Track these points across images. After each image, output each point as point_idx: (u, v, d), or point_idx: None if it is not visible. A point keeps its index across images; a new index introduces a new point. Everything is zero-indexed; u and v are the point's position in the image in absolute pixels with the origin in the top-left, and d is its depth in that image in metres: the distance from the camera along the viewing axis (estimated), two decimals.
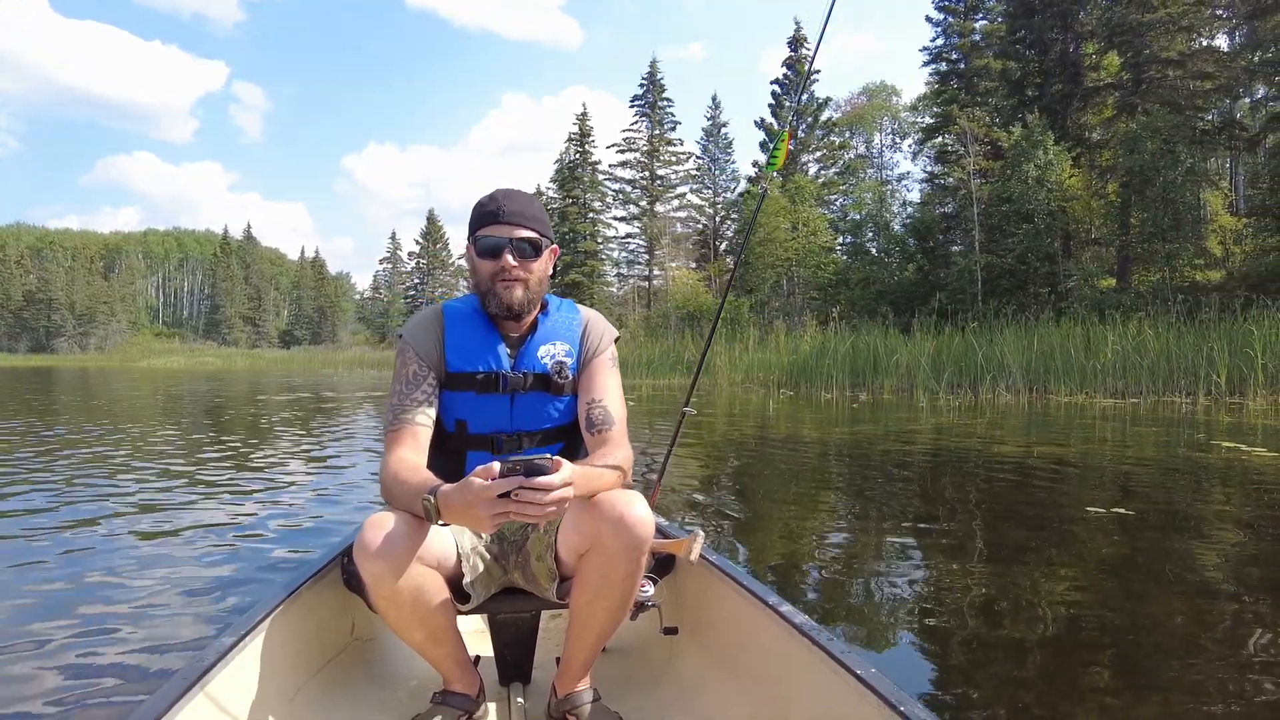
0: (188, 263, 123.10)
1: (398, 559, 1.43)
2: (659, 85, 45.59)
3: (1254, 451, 6.51)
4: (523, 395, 1.75)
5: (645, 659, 2.04)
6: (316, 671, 1.80)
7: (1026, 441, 7.55)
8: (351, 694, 1.82)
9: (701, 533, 1.78)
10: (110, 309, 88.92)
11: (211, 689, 1.35)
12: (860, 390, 15.99)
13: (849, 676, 1.34)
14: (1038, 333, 15.62)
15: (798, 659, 1.52)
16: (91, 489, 4.95)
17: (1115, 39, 23.66)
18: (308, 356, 57.15)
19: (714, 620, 1.91)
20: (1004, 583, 3.11)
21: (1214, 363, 12.47)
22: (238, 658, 1.46)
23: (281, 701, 1.62)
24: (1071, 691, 2.07)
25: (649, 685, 1.91)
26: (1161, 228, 20.44)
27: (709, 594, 1.92)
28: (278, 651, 1.61)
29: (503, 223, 1.69)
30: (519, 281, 1.69)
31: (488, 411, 1.75)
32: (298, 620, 1.72)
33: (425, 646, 1.61)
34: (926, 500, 4.88)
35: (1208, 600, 2.87)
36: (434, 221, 74.98)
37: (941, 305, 22.18)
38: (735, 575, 1.81)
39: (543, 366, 1.76)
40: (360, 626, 2.01)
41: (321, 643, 1.85)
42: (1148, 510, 4.48)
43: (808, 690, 1.50)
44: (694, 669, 1.90)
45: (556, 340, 1.78)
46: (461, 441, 1.76)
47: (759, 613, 1.68)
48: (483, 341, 1.75)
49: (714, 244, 44.43)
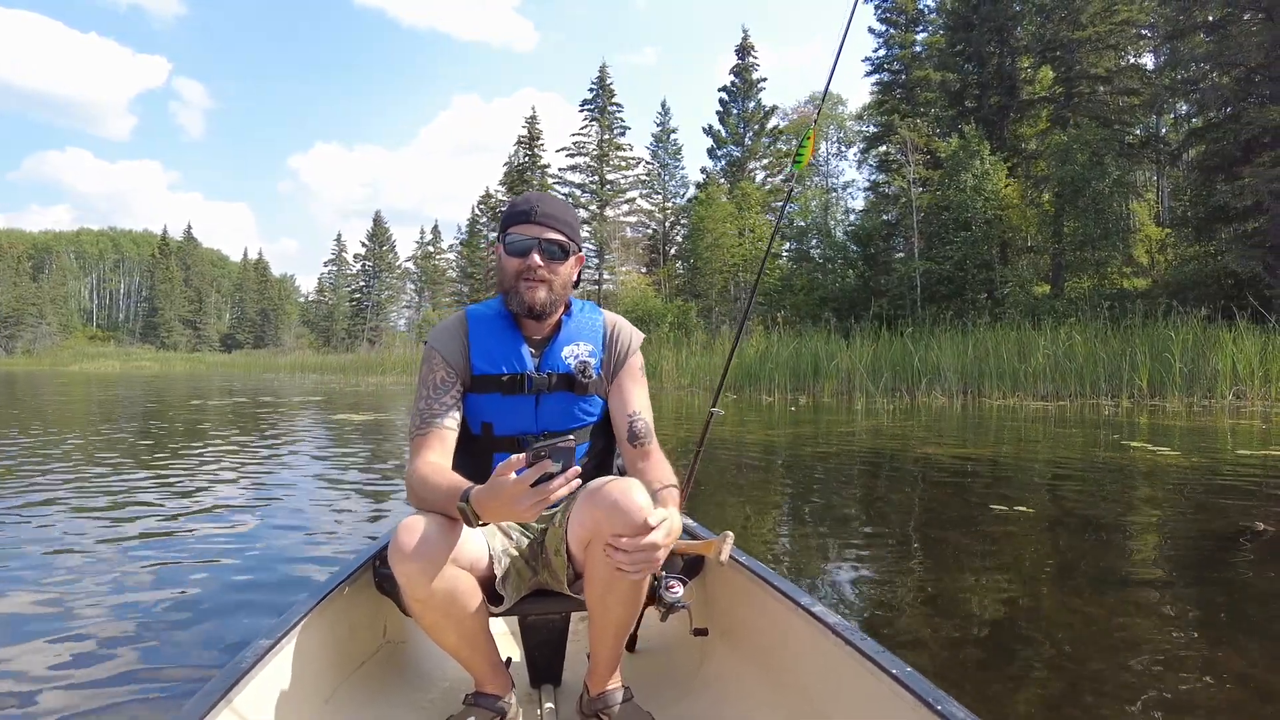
0: (124, 264, 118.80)
1: (432, 561, 1.45)
2: (609, 89, 45.69)
3: (1159, 452, 6.80)
4: (547, 396, 1.76)
5: (676, 660, 2.04)
6: (350, 674, 1.81)
7: (952, 443, 7.77)
8: (385, 696, 1.83)
9: (731, 534, 1.75)
10: (39, 311, 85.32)
11: (249, 692, 1.36)
12: (800, 394, 16.24)
13: (884, 676, 1.33)
14: (973, 338, 16.08)
15: (832, 659, 1.51)
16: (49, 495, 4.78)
17: (1048, 54, 24.54)
18: (249, 360, 55.74)
19: (745, 621, 1.91)
20: (919, 579, 3.21)
21: (1136, 367, 12.99)
22: (274, 660, 1.47)
23: (318, 703, 1.64)
24: (1001, 685, 2.15)
25: (680, 687, 1.92)
26: (1091, 236, 21.22)
27: (739, 595, 1.92)
28: (312, 655, 1.62)
29: (534, 223, 1.71)
30: (543, 282, 1.71)
31: (513, 413, 1.76)
32: (331, 624, 1.73)
33: (458, 648, 1.62)
34: (853, 499, 5.00)
35: (1104, 594, 3.00)
36: (380, 223, 73.87)
37: (882, 311, 22.67)
38: (766, 576, 1.80)
39: (566, 367, 1.77)
40: (392, 629, 2.02)
41: (355, 646, 1.86)
42: (1052, 508, 4.66)
43: (843, 691, 1.49)
44: (726, 670, 1.90)
45: (580, 341, 1.80)
46: (488, 444, 1.77)
47: (791, 614, 1.68)
48: (507, 344, 1.76)
49: (663, 249, 44.65)
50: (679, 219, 43.89)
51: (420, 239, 75.87)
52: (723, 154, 38.05)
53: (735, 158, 37.64)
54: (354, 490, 5.27)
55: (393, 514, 4.53)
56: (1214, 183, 18.98)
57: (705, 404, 13.99)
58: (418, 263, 72.85)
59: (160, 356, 66.80)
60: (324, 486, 5.38)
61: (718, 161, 38.20)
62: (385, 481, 5.64)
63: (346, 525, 4.18)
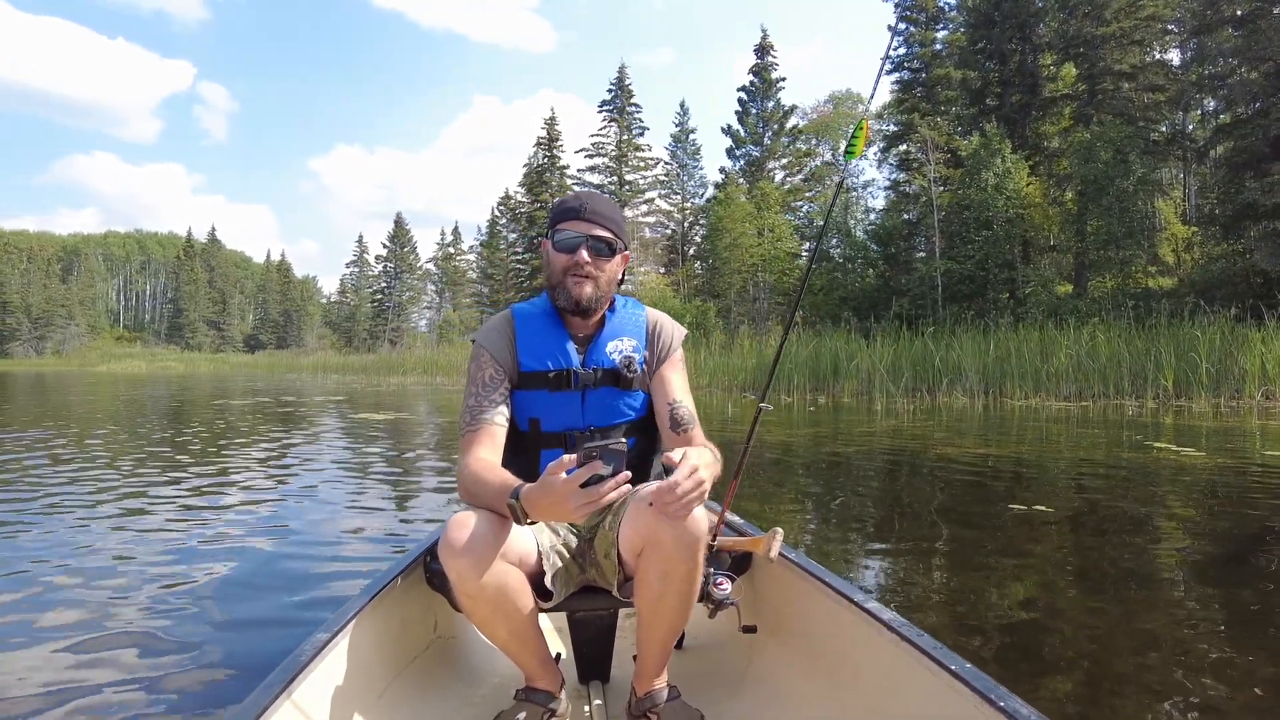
0: (150, 265, 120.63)
1: (481, 556, 1.46)
2: (628, 90, 45.73)
3: (1184, 452, 6.71)
4: (593, 391, 1.78)
5: (724, 658, 2.03)
6: (403, 669, 1.82)
7: (973, 443, 7.71)
8: (437, 691, 1.85)
9: (780, 530, 1.74)
10: (68, 312, 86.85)
11: (307, 686, 1.38)
12: (819, 394, 16.17)
13: (943, 672, 1.31)
14: (995, 338, 15.93)
15: (887, 656, 1.49)
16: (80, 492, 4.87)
17: (1071, 51, 24.25)
18: (272, 361, 56.35)
19: (795, 618, 1.90)
20: (936, 577, 3.19)
21: (1161, 367, 12.82)
22: (330, 655, 1.49)
23: (372, 698, 1.66)
24: (1021, 684, 2.13)
25: (729, 684, 1.91)
26: (1115, 235, 20.95)
27: (789, 592, 1.90)
28: (367, 650, 1.64)
29: (583, 220, 1.74)
30: (590, 278, 1.73)
31: (560, 409, 1.78)
32: (384, 619, 1.75)
33: (508, 643, 1.63)
34: (872, 498, 4.97)
35: (1127, 593, 2.97)
36: (401, 225, 74.37)
37: (903, 310, 22.52)
38: (817, 573, 1.78)
39: (611, 362, 1.79)
40: (443, 625, 2.03)
41: (407, 641, 1.88)
42: (1072, 508, 4.61)
43: (899, 687, 1.47)
44: (776, 667, 1.88)
45: (624, 336, 1.82)
46: (535, 440, 1.79)
47: (844, 610, 1.65)
48: (552, 340, 1.78)
49: (682, 249, 44.63)
50: (698, 219, 43.83)
51: (441, 240, 76.43)
52: (741, 154, 37.92)
53: (754, 157, 37.49)
54: (380, 485, 5.33)
55: (420, 506, 4.57)
56: (1242, 180, 18.68)
57: (724, 404, 13.98)
58: (438, 264, 73.32)
59: (185, 357, 67.76)
60: (350, 482, 5.44)
61: (737, 161, 38.06)
62: (410, 478, 5.68)
63: (381, 521, 4.22)
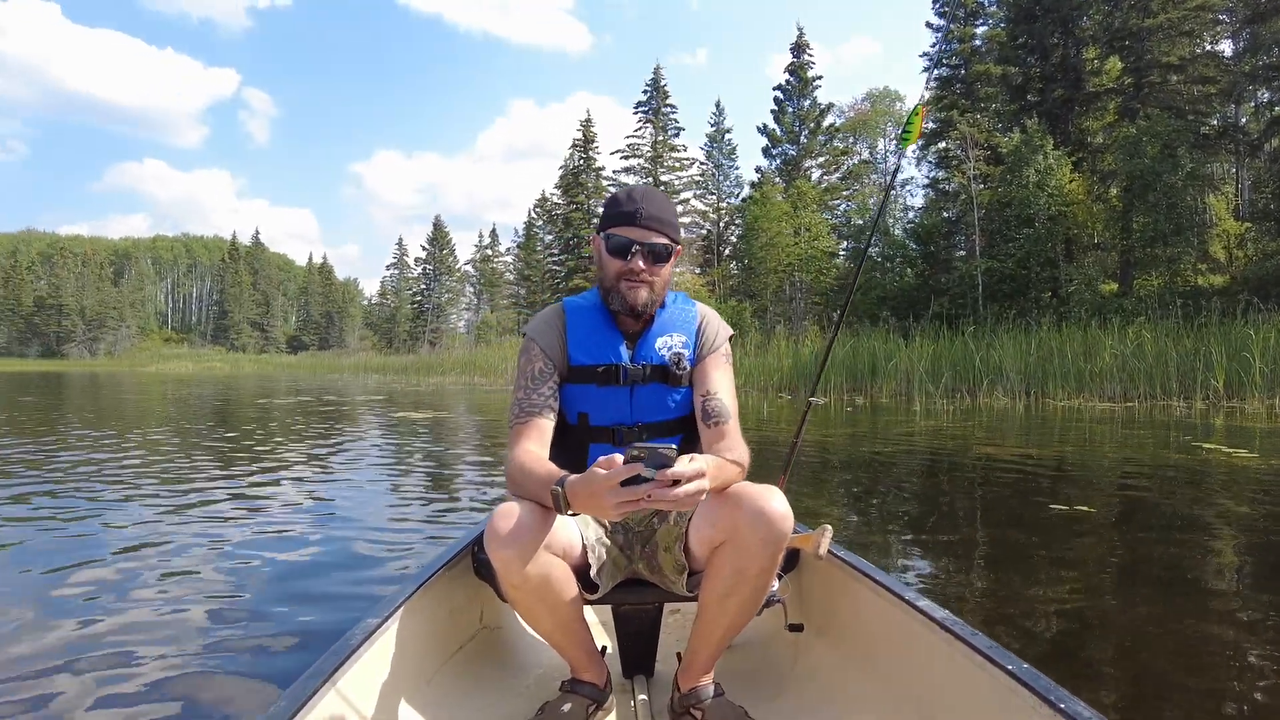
0: (196, 268, 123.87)
1: (526, 546, 1.47)
2: (663, 91, 45.71)
3: (1235, 454, 6.53)
4: (642, 387, 1.77)
5: (770, 655, 2.00)
6: (449, 657, 1.85)
7: (1014, 444, 7.59)
8: (482, 680, 1.87)
9: (829, 527, 1.70)
10: (119, 314, 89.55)
11: (356, 670, 1.40)
12: (857, 394, 16.02)
13: (1000, 673, 1.28)
14: (1036, 337, 15.64)
15: (940, 656, 1.46)
16: (124, 491, 5.06)
17: (1116, 44, 23.70)
18: (314, 361, 57.40)
19: (844, 617, 1.87)
20: (974, 575, 3.17)
21: (1211, 367, 12.47)
22: (380, 640, 1.52)
23: (420, 684, 1.69)
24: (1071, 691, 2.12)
25: (775, 682, 1.88)
26: (1163, 232, 20.40)
27: (838, 590, 1.88)
28: (414, 637, 1.66)
29: (639, 226, 1.70)
30: (645, 284, 1.71)
31: (608, 404, 1.77)
32: (432, 607, 1.77)
33: (553, 634, 1.64)
34: (910, 496, 4.93)
35: (1173, 597, 2.92)
36: (440, 228, 75.22)
37: (942, 310, 22.19)
38: (867, 570, 1.75)
39: (661, 358, 1.78)
40: (489, 615, 2.04)
41: (453, 630, 1.90)
42: (1116, 508, 4.53)
43: (953, 689, 1.43)
44: (823, 666, 1.85)
45: (674, 332, 1.80)
46: (583, 434, 1.80)
47: (895, 609, 1.63)
48: (603, 335, 1.78)
49: (718, 249, 44.48)
50: (733, 219, 43.66)
51: (479, 242, 77.16)
52: (778, 153, 37.69)
53: (791, 156, 37.25)
54: (424, 479, 5.43)
55: (467, 498, 4.65)
56: None
57: (759, 404, 13.93)
58: (476, 266, 74.05)
59: (230, 358, 69.34)
60: (395, 476, 5.55)
61: (773, 160, 37.85)
62: (453, 472, 5.77)
63: (428, 512, 4.30)
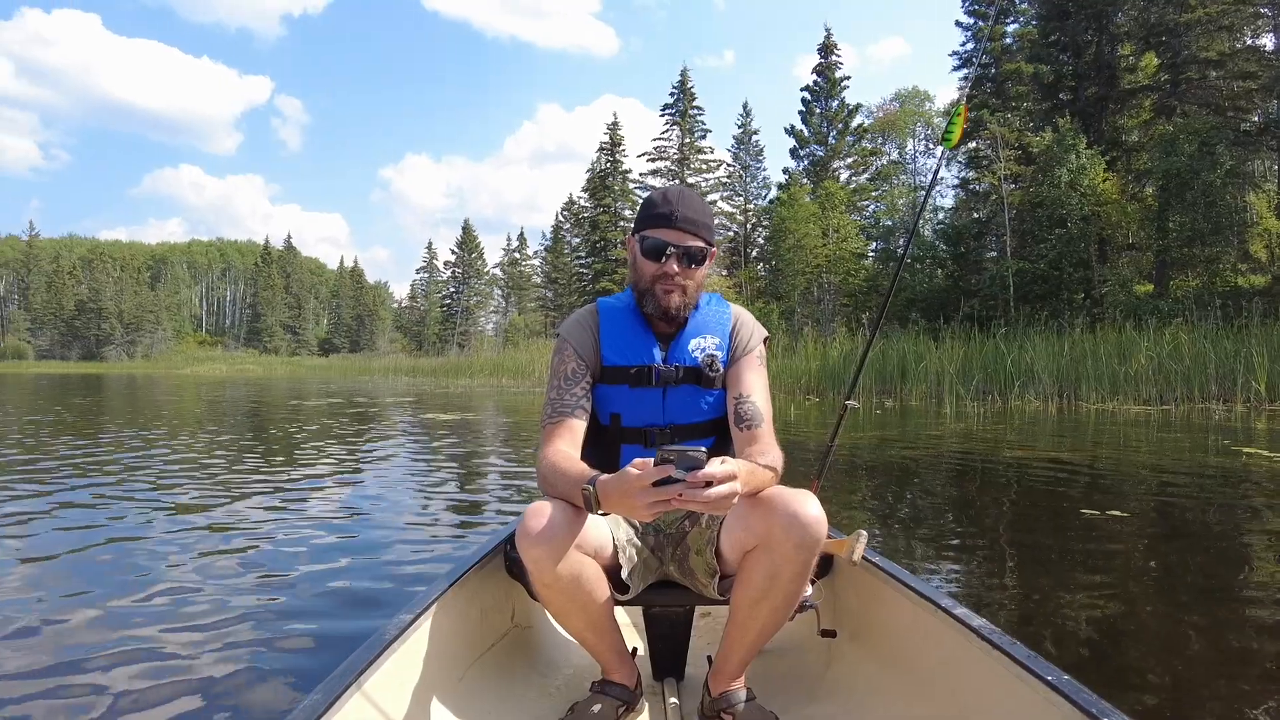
0: (230, 272, 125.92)
1: (557, 545, 1.47)
2: (690, 93, 45.70)
3: (1276, 458, 6.40)
4: (674, 389, 1.77)
5: (802, 661, 1.99)
6: (480, 655, 1.85)
7: (1046, 447, 7.51)
8: (513, 679, 1.87)
9: (864, 533, 1.68)
10: (156, 318, 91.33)
11: (388, 667, 1.42)
12: (886, 397, 15.90)
13: (1038, 684, 1.26)
14: (1069, 339, 15.41)
15: (975, 664, 1.44)
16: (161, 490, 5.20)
17: (1152, 40, 23.28)
18: (345, 364, 58.12)
19: (878, 623, 1.85)
20: (1004, 580, 3.16)
21: (1253, 369, 12.21)
22: (413, 636, 1.53)
23: (452, 681, 1.70)
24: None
25: (807, 688, 1.86)
26: (1200, 232, 19.99)
27: (872, 596, 1.86)
28: (446, 634, 1.67)
29: (674, 229, 1.69)
30: (680, 288, 1.71)
31: (641, 405, 1.77)
32: (464, 605, 1.78)
33: (584, 634, 1.64)
34: (940, 499, 4.91)
35: (1210, 604, 2.89)
36: (469, 231, 75.81)
37: (973, 311, 21.93)
38: (901, 577, 1.74)
39: (694, 360, 1.77)
40: (520, 614, 2.05)
41: (485, 628, 1.90)
42: (1151, 513, 4.48)
43: (989, 698, 1.41)
44: (856, 673, 1.84)
45: (707, 334, 1.79)
46: (616, 434, 1.80)
47: (930, 616, 1.61)
48: (636, 336, 1.78)
49: (745, 251, 44.36)
50: (760, 220, 43.52)
51: (507, 246, 77.67)
52: (805, 154, 37.51)
53: (818, 157, 37.06)
54: (455, 478, 5.51)
55: (495, 499, 4.71)
56: None
57: (785, 407, 13.87)
58: (504, 269, 74.53)
59: (263, 360, 70.49)
60: (427, 475, 5.64)
61: (800, 162, 37.68)
62: (482, 472, 5.84)
63: (460, 512, 4.37)
